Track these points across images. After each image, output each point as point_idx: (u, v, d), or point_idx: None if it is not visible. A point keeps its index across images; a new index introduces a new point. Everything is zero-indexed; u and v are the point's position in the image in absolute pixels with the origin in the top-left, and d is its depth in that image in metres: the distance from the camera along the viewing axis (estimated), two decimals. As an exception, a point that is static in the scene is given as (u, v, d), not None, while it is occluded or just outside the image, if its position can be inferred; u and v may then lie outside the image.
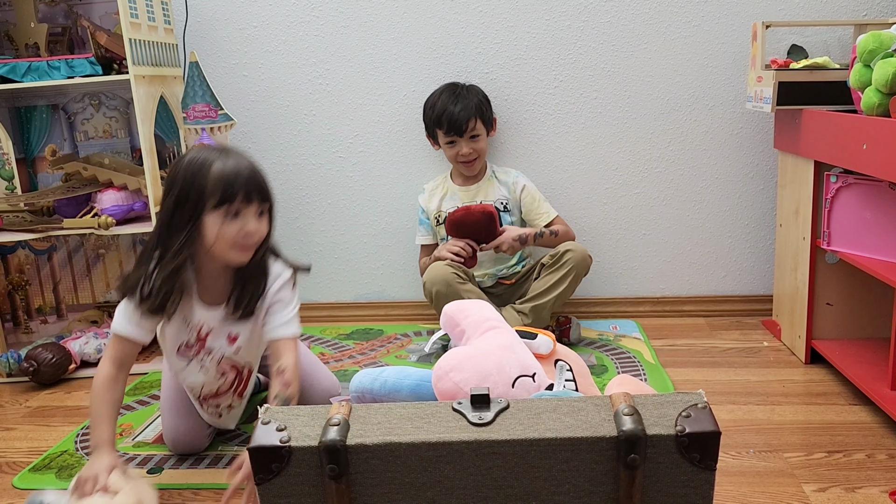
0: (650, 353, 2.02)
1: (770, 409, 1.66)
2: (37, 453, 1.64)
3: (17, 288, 2.29)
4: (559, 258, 2.05)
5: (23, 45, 2.11)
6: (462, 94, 2.12)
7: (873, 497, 1.31)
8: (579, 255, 2.03)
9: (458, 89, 2.14)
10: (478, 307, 1.22)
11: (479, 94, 2.16)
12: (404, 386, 1.15)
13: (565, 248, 2.05)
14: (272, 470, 0.89)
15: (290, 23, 2.28)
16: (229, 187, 1.30)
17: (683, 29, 2.18)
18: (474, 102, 2.11)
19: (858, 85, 1.56)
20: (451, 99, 2.11)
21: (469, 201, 2.17)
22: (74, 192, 2.09)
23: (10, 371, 2.05)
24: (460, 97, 2.11)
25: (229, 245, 1.34)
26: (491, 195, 2.18)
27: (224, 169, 1.31)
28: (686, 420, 0.87)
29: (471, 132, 2.10)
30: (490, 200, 2.17)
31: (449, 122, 2.09)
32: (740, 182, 2.26)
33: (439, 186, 2.24)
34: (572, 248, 2.05)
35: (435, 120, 2.13)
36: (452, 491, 0.89)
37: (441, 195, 2.22)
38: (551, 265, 2.06)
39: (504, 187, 2.20)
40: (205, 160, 1.32)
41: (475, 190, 2.20)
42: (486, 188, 2.19)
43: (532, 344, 1.19)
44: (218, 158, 1.33)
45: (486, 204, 2.12)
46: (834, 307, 1.87)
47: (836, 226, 1.74)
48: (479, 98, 2.14)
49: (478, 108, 2.11)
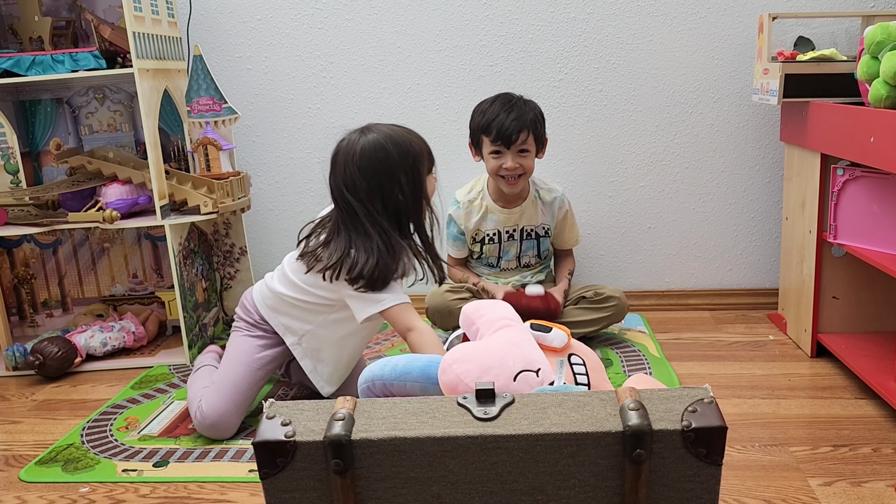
0: (655, 346, 2.02)
1: (776, 402, 1.66)
2: (43, 446, 1.65)
3: (22, 282, 2.30)
4: (603, 300, 2.01)
5: (27, 39, 2.11)
6: (518, 105, 1.96)
7: (879, 491, 1.30)
8: (621, 306, 2.01)
9: (514, 99, 1.98)
10: (494, 307, 1.23)
11: (536, 110, 1.99)
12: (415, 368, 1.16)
13: (611, 294, 2.01)
14: (277, 465, 0.89)
15: (293, 16, 2.27)
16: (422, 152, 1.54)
17: (689, 21, 2.17)
18: (530, 116, 1.95)
19: (866, 77, 1.55)
20: (505, 107, 1.95)
21: (511, 226, 2.08)
22: (79, 186, 2.10)
23: (17, 365, 2.06)
24: (515, 107, 1.95)
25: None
26: (534, 220, 2.09)
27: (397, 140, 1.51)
28: (692, 415, 0.87)
29: (520, 145, 1.94)
30: (532, 226, 2.09)
31: (498, 130, 1.92)
32: (746, 175, 2.25)
33: (476, 203, 2.09)
34: (618, 297, 2.01)
35: (483, 126, 1.96)
36: (457, 485, 0.89)
37: (479, 215, 2.08)
38: (592, 302, 2.02)
39: (547, 212, 2.10)
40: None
41: (518, 213, 2.07)
42: (530, 212, 2.08)
43: (546, 337, 1.19)
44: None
45: (541, 296, 1.96)
46: (840, 301, 1.86)
47: (843, 219, 1.73)
48: (535, 113, 1.98)
49: (532, 122, 1.95)
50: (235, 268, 2.32)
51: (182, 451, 1.58)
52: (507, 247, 2.13)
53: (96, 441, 1.65)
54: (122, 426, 1.72)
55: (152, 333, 2.25)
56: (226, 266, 2.33)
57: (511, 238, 2.12)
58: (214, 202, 2.03)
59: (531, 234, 2.11)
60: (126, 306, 2.33)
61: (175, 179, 2.08)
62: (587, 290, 2.06)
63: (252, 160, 2.37)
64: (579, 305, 2.04)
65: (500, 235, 2.11)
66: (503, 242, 2.12)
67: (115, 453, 1.59)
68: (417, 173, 1.51)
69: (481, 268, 2.18)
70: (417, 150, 1.52)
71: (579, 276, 2.32)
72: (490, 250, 2.13)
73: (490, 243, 2.12)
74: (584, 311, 2.03)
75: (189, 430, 1.67)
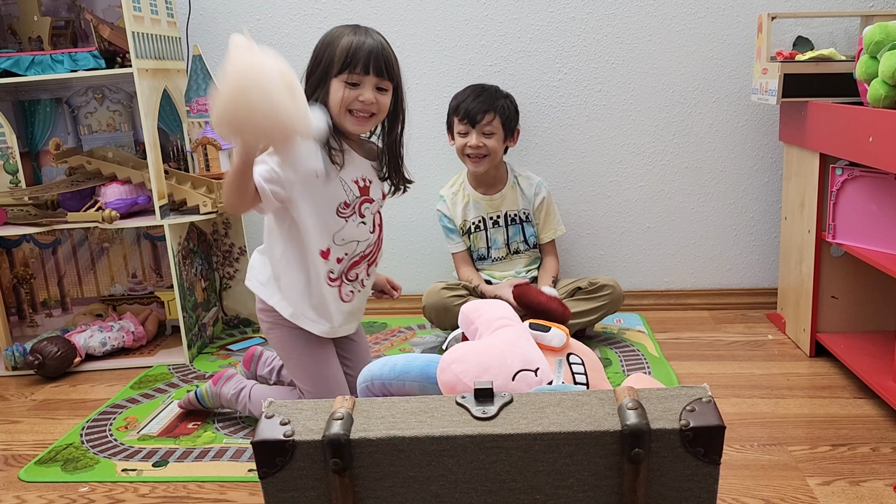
0: (654, 346, 2.02)
1: (774, 402, 1.66)
2: (42, 446, 1.65)
3: (22, 281, 2.30)
4: (598, 289, 2.03)
5: (26, 39, 2.11)
6: (489, 91, 2.09)
7: (878, 490, 1.30)
8: (616, 295, 2.03)
9: (487, 87, 2.11)
10: (492, 306, 1.23)
11: (508, 98, 2.11)
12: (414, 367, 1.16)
13: (605, 283, 2.03)
14: (276, 464, 0.89)
15: (292, 16, 2.27)
16: (352, 56, 1.41)
17: (688, 21, 2.17)
18: (499, 102, 2.07)
19: (865, 77, 1.55)
20: (475, 91, 2.09)
21: (493, 211, 2.15)
22: (78, 186, 2.10)
23: (16, 364, 2.06)
24: (485, 92, 2.08)
25: (345, 111, 1.43)
26: (515, 205, 2.16)
27: (352, 41, 1.42)
28: (690, 414, 0.87)
29: (485, 126, 2.04)
30: (514, 210, 2.16)
31: (466, 111, 2.05)
32: (745, 175, 2.25)
33: (458, 194, 2.18)
34: (612, 285, 2.03)
35: (453, 108, 2.11)
36: (456, 485, 0.89)
37: (463, 203, 2.17)
38: (588, 292, 2.04)
39: (525, 197, 2.17)
40: (339, 34, 1.44)
41: (499, 199, 2.16)
42: (511, 198, 2.16)
43: (544, 337, 1.19)
44: (350, 33, 1.43)
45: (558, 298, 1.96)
46: (839, 300, 1.86)
47: (842, 219, 1.73)
48: (505, 101, 2.09)
49: (501, 108, 2.07)
50: (235, 267, 2.32)
51: (181, 450, 1.58)
52: (493, 234, 2.17)
53: (96, 441, 1.65)
54: (122, 426, 1.72)
55: (151, 333, 2.25)
56: (225, 266, 2.33)
57: (496, 225, 2.17)
58: (214, 202, 2.03)
59: (515, 218, 2.17)
60: (125, 306, 2.33)
61: (174, 179, 2.08)
62: (581, 281, 2.08)
63: (251, 160, 2.36)
64: (575, 296, 2.05)
65: (485, 223, 2.17)
66: (489, 230, 2.17)
67: (114, 453, 1.59)
68: (318, 63, 1.45)
69: (476, 262, 2.21)
70: (335, 43, 1.43)
71: (578, 275, 2.32)
72: (478, 239, 2.17)
73: (476, 231, 2.17)
74: (579, 301, 2.04)
75: (188, 429, 1.67)
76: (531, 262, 2.21)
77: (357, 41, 1.42)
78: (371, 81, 1.43)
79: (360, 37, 1.43)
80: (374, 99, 1.43)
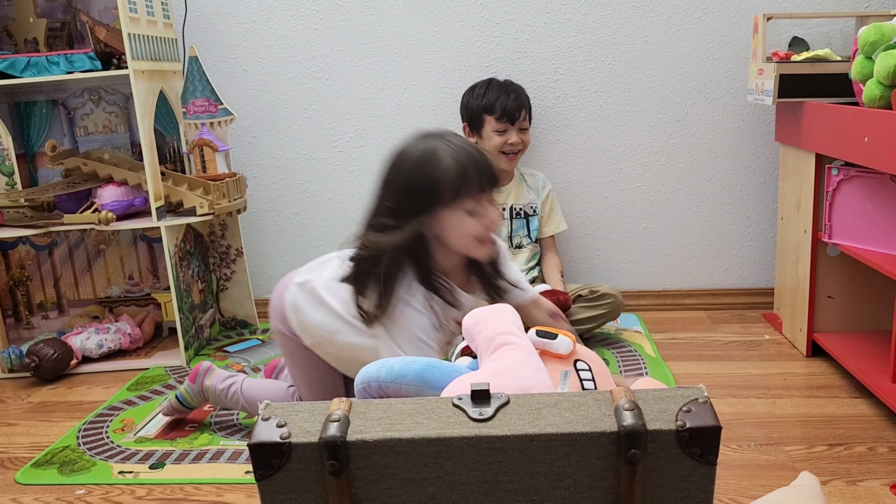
0: (651, 346, 2.02)
1: (771, 402, 1.66)
2: (39, 449, 1.64)
3: (18, 283, 2.29)
4: (599, 298, 2.03)
5: (22, 41, 2.10)
6: (514, 87, 2.13)
7: (874, 490, 1.31)
8: (617, 303, 2.03)
9: (505, 82, 2.14)
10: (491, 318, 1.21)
11: (525, 92, 2.16)
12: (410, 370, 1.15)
13: (606, 291, 2.04)
14: (272, 466, 0.89)
15: (290, 17, 2.27)
16: (470, 179, 1.26)
17: (684, 21, 2.17)
18: (525, 97, 2.14)
19: (860, 77, 1.56)
20: (503, 88, 2.11)
21: (500, 203, 2.15)
22: (74, 188, 2.10)
23: (12, 366, 2.05)
24: (512, 89, 2.12)
25: (474, 240, 1.32)
26: (521, 199, 2.19)
27: (458, 159, 1.26)
28: (687, 415, 0.87)
29: (521, 122, 2.11)
30: (520, 204, 2.19)
31: (503, 109, 2.07)
32: (741, 175, 2.25)
33: None
34: (613, 294, 2.03)
35: (486, 106, 2.10)
36: (453, 486, 0.89)
37: None
38: (589, 300, 2.04)
39: (533, 191, 2.21)
40: (438, 156, 1.26)
41: (507, 193, 2.19)
42: (517, 191, 2.20)
43: (552, 345, 1.18)
44: (449, 153, 1.26)
45: (548, 290, 1.98)
46: (835, 300, 1.87)
47: (838, 219, 1.74)
48: (526, 94, 2.15)
49: (527, 102, 2.14)
50: (232, 269, 2.32)
51: (178, 452, 1.58)
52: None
53: (92, 443, 1.65)
54: (119, 428, 1.71)
55: (148, 335, 2.24)
56: (222, 267, 2.33)
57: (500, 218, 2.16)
58: (210, 203, 2.02)
59: (520, 212, 2.19)
60: (122, 308, 2.33)
61: (171, 181, 2.08)
62: (583, 289, 2.08)
63: (248, 161, 2.36)
64: (576, 304, 2.05)
65: None
66: None
67: (111, 455, 1.58)
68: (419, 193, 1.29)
69: None
70: (439, 170, 1.26)
71: (575, 276, 2.32)
72: None
73: None
74: (580, 309, 2.04)
75: (185, 431, 1.67)
76: (533, 258, 2.21)
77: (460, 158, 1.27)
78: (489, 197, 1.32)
79: (458, 153, 1.27)
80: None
